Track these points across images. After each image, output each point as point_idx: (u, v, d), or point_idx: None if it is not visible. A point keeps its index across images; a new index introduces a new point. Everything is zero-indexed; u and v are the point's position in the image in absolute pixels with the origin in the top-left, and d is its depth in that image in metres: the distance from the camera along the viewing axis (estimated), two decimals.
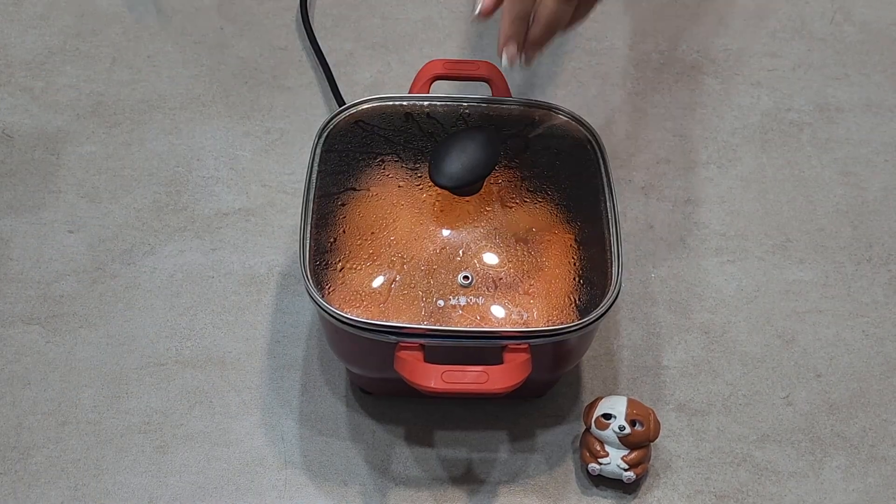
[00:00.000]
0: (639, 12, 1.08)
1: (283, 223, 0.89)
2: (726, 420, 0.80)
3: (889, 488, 0.77)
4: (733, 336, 0.84)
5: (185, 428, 0.78)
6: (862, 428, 0.80)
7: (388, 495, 0.76)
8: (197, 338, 0.83)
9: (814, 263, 0.88)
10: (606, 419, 0.74)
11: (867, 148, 0.97)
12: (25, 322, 0.83)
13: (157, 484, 0.76)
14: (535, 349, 0.69)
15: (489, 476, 0.77)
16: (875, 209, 0.93)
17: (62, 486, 0.75)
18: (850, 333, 0.85)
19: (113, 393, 0.80)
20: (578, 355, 0.76)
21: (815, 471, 0.78)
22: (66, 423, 0.78)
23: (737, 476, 0.77)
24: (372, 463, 0.77)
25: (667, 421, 0.79)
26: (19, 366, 0.81)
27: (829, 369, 0.83)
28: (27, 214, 0.89)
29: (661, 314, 0.85)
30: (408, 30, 1.05)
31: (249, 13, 1.05)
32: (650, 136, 0.97)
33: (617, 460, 0.74)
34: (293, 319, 0.84)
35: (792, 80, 1.02)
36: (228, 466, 0.77)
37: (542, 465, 0.77)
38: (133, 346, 0.82)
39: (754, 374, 0.83)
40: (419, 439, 0.78)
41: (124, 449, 0.77)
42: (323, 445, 0.78)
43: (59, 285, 0.85)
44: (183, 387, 0.80)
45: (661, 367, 0.83)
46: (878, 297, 0.87)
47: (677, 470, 0.77)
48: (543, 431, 0.79)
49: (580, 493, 0.76)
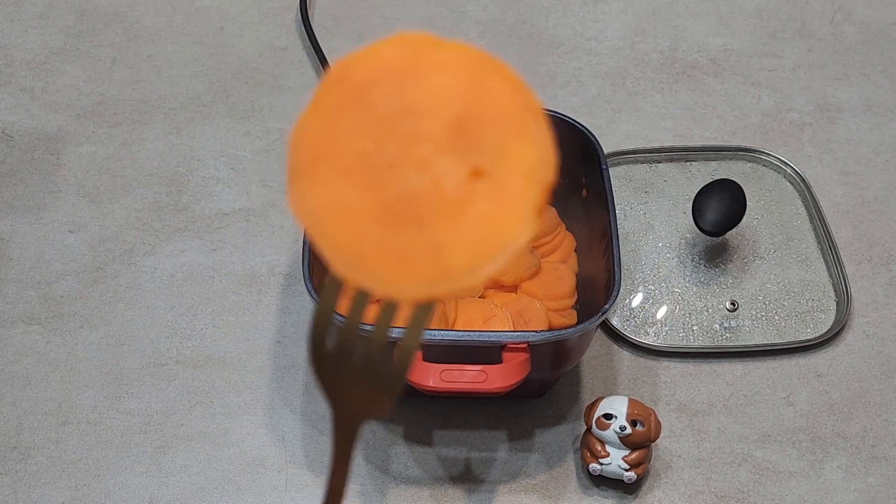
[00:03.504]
0: (639, 12, 1.08)
1: (283, 223, 0.89)
2: (727, 420, 0.80)
3: (890, 488, 0.77)
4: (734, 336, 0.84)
5: (186, 428, 0.78)
6: (863, 428, 0.80)
7: (388, 495, 0.76)
8: (198, 338, 0.83)
9: (814, 263, 0.88)
10: (607, 419, 0.74)
11: (867, 148, 0.97)
12: (26, 322, 0.83)
13: (158, 484, 0.76)
14: (534, 349, 0.69)
15: (489, 476, 0.77)
16: (875, 209, 0.93)
17: (63, 487, 0.75)
18: (850, 333, 0.85)
19: (113, 393, 0.80)
20: (578, 355, 0.76)
21: (816, 471, 0.78)
22: (67, 423, 0.78)
23: (737, 476, 0.77)
24: (372, 462, 0.77)
25: (667, 421, 0.79)
26: (20, 366, 0.81)
27: (829, 369, 0.83)
28: (27, 214, 0.89)
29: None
30: (408, 30, 1.05)
31: (249, 13, 1.05)
32: (650, 136, 0.97)
33: (618, 460, 0.74)
34: (294, 319, 0.84)
35: (792, 80, 1.02)
36: (229, 467, 0.77)
37: (542, 465, 0.77)
38: (133, 346, 0.82)
39: (755, 373, 0.83)
40: (419, 439, 0.78)
41: (125, 449, 0.77)
42: (324, 445, 0.78)
43: (60, 285, 0.85)
44: (183, 387, 0.80)
45: (661, 366, 0.83)
46: (878, 297, 0.87)
47: (678, 470, 0.77)
48: (543, 431, 0.79)
49: (580, 493, 0.76)
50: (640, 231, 0.89)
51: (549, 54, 1.03)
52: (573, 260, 0.82)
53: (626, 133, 0.97)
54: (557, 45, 1.04)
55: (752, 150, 0.94)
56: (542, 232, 0.82)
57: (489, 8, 1.07)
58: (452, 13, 1.07)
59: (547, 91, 1.00)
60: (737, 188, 0.85)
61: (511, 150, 0.27)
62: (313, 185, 0.28)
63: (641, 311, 0.84)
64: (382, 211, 0.27)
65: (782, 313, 0.85)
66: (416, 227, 0.27)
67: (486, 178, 0.27)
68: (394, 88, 0.27)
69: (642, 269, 0.87)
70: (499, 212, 0.27)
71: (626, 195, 0.91)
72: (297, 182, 0.28)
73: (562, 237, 0.83)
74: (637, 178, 0.92)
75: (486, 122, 0.27)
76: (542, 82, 1.01)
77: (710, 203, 0.84)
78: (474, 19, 1.06)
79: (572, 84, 1.01)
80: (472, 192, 0.27)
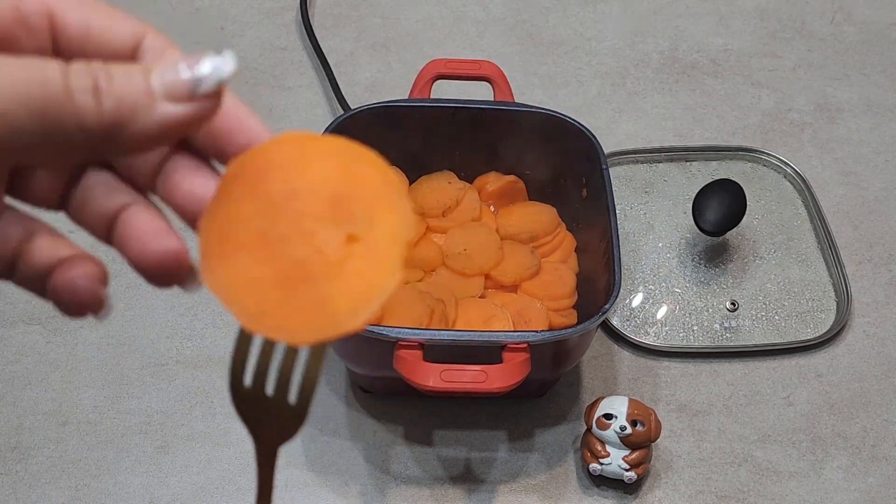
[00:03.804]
0: (639, 12, 1.08)
1: None
2: (727, 420, 0.80)
3: (890, 488, 0.77)
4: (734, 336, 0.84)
5: (186, 428, 0.78)
6: (863, 428, 0.80)
7: (388, 494, 0.76)
8: (198, 338, 0.83)
9: (815, 263, 0.88)
10: (608, 419, 0.74)
11: (867, 148, 0.97)
12: (26, 322, 0.83)
13: (158, 484, 0.76)
14: (534, 349, 0.69)
15: (489, 476, 0.77)
16: (875, 209, 0.93)
17: (63, 487, 0.75)
18: (850, 333, 0.85)
19: (114, 393, 0.80)
20: (578, 355, 0.76)
21: (817, 471, 0.78)
22: (67, 423, 0.78)
23: (738, 476, 0.77)
24: (372, 462, 0.77)
25: (668, 421, 0.79)
26: (20, 366, 0.81)
27: (829, 369, 0.83)
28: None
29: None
30: (408, 30, 1.05)
31: (249, 13, 1.05)
32: (650, 135, 0.97)
33: (618, 460, 0.74)
34: None
35: (792, 80, 1.02)
36: (229, 466, 0.77)
37: (543, 465, 0.77)
38: (134, 346, 0.82)
39: (755, 373, 0.83)
40: (419, 439, 0.78)
41: (125, 449, 0.77)
42: (323, 445, 0.78)
43: None
44: (184, 387, 0.80)
45: (661, 366, 0.83)
46: (878, 297, 0.87)
47: (678, 470, 0.77)
48: (543, 431, 0.79)
49: (580, 493, 0.76)
50: (640, 231, 0.89)
51: (549, 54, 1.03)
52: (573, 260, 0.82)
53: (626, 133, 0.97)
54: (557, 45, 1.04)
55: (752, 150, 0.94)
56: (543, 232, 0.82)
57: (489, 8, 1.07)
58: (452, 13, 1.07)
59: (547, 91, 1.00)
60: (737, 188, 0.85)
61: (378, 217, 0.34)
62: (221, 261, 0.35)
63: (641, 311, 0.84)
64: (279, 276, 0.34)
65: (782, 313, 0.85)
66: (307, 286, 0.34)
67: (359, 241, 0.34)
68: (281, 177, 0.35)
69: (642, 269, 0.87)
70: (371, 267, 0.34)
71: (626, 195, 0.91)
72: (207, 259, 0.35)
73: (562, 237, 0.83)
74: (637, 178, 0.92)
75: (356, 198, 0.34)
76: (542, 82, 1.01)
77: (710, 203, 0.84)
78: (474, 19, 1.06)
79: (572, 84, 1.01)
80: (349, 254, 0.34)
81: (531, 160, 0.84)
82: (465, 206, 0.83)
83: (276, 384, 0.39)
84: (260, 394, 0.39)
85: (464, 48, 1.04)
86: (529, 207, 0.84)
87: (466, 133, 0.82)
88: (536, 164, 0.84)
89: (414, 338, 0.68)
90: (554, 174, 0.84)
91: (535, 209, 0.84)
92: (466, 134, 0.82)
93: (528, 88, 1.00)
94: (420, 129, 0.82)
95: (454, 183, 0.84)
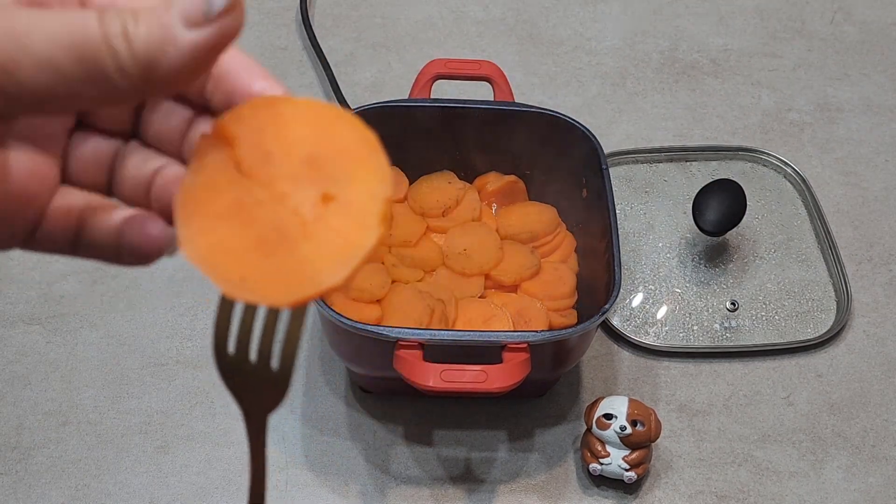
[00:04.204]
0: (639, 12, 1.08)
1: None
2: (727, 420, 0.80)
3: (890, 488, 0.77)
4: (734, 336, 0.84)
5: (186, 428, 0.78)
6: (863, 428, 0.80)
7: (388, 494, 0.76)
8: (198, 338, 0.83)
9: (814, 263, 0.88)
10: (608, 419, 0.74)
11: (867, 148, 0.97)
12: (26, 322, 0.83)
13: (158, 484, 0.76)
14: (534, 349, 0.69)
15: (489, 476, 0.77)
16: (875, 209, 0.93)
17: (63, 487, 0.75)
18: (850, 333, 0.85)
19: (114, 393, 0.80)
20: (578, 355, 0.76)
21: (817, 471, 0.78)
22: (67, 423, 0.78)
23: (738, 476, 0.77)
24: (372, 462, 0.77)
25: (668, 421, 0.79)
26: (20, 366, 0.81)
27: (829, 369, 0.83)
28: None
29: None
30: (408, 30, 1.05)
31: (249, 13, 1.05)
32: (650, 136, 0.97)
33: (618, 460, 0.74)
34: None
35: (792, 80, 1.02)
36: (229, 467, 0.77)
37: (543, 465, 0.77)
38: (134, 346, 0.82)
39: (755, 373, 0.83)
40: (419, 439, 0.78)
41: (125, 449, 0.77)
42: (324, 445, 0.78)
43: (60, 285, 0.85)
44: (184, 387, 0.80)
45: (661, 366, 0.83)
46: (878, 296, 0.87)
47: (678, 470, 0.77)
48: (543, 431, 0.79)
49: (580, 493, 0.76)
50: (640, 231, 0.89)
51: (549, 54, 1.04)
52: (573, 260, 0.82)
53: (626, 133, 0.97)
54: (557, 45, 1.04)
55: (752, 150, 0.94)
56: (543, 232, 0.82)
57: (489, 8, 1.07)
58: (452, 13, 1.07)
59: (547, 91, 1.00)
60: (737, 188, 0.85)
61: (354, 175, 0.34)
62: (198, 231, 0.35)
63: (641, 311, 0.84)
64: (257, 241, 0.34)
65: (782, 313, 0.85)
66: (285, 248, 0.34)
67: (335, 200, 0.34)
68: (256, 141, 0.35)
69: (642, 269, 0.87)
70: (348, 224, 0.34)
71: (626, 195, 0.91)
72: (184, 229, 0.35)
73: (562, 237, 0.83)
74: (637, 178, 0.92)
75: (332, 158, 0.35)
76: (542, 82, 1.01)
77: (710, 203, 0.84)
78: (474, 19, 1.06)
79: (572, 84, 1.01)
80: (325, 213, 0.34)
81: (531, 160, 0.84)
82: (465, 206, 0.83)
83: (259, 350, 0.39)
84: (244, 362, 0.39)
85: (464, 48, 1.04)
86: (529, 207, 0.84)
87: (466, 133, 0.82)
88: (536, 164, 0.84)
89: (414, 338, 0.68)
90: (554, 174, 0.84)
91: (535, 209, 0.84)
92: (466, 134, 0.82)
93: (528, 88, 1.00)
94: (420, 129, 0.82)
95: (454, 183, 0.84)
